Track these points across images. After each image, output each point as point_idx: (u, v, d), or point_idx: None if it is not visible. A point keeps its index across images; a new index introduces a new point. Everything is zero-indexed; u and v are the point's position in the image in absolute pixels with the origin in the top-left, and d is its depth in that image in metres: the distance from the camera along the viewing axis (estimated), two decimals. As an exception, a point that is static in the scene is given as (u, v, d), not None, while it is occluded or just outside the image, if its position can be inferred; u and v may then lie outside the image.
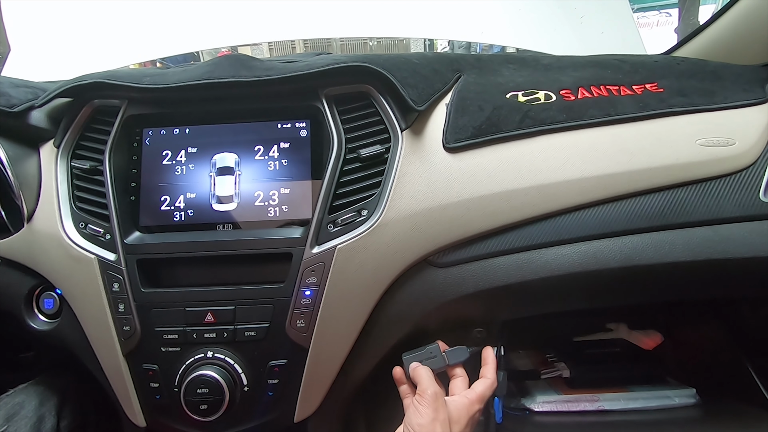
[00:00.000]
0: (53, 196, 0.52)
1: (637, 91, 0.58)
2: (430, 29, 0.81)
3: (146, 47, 0.95)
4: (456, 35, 0.82)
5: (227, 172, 0.52)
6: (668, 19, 4.47)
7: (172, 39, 0.95)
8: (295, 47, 3.83)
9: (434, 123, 0.53)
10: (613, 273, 0.50)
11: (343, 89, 0.52)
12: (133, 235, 0.50)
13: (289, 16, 0.89)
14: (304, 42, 3.70)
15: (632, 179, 0.51)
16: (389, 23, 0.79)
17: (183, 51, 1.14)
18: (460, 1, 0.78)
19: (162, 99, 0.52)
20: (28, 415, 0.52)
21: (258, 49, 3.58)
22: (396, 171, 0.50)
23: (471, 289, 0.51)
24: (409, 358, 0.50)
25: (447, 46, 5.21)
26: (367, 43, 4.55)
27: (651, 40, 3.04)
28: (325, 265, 0.47)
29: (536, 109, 0.54)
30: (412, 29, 0.84)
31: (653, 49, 0.87)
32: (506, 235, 0.51)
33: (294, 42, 3.64)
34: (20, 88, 0.56)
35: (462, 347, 0.51)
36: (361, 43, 4.45)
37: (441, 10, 0.78)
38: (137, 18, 0.92)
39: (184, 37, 0.95)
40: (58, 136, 0.54)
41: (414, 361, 0.50)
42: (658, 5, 4.23)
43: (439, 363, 0.50)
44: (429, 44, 5.13)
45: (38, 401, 0.54)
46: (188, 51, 1.60)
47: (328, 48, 3.77)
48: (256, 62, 0.52)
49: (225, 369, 0.47)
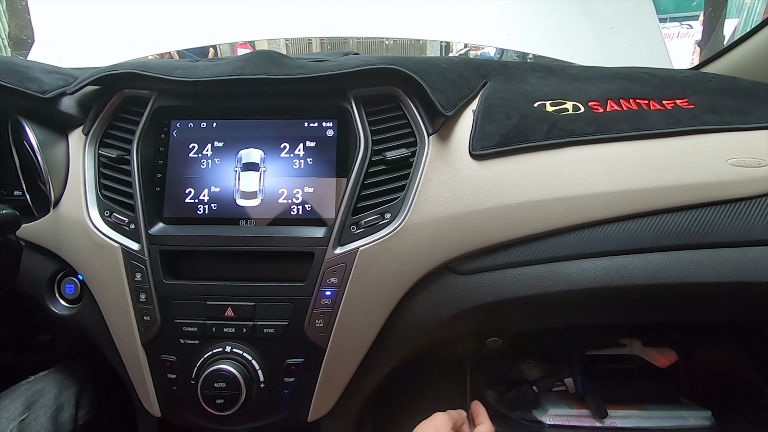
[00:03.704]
0: (80, 183, 0.52)
1: (667, 107, 0.57)
2: (456, 34, 0.81)
3: (165, 39, 0.96)
4: (482, 40, 0.82)
5: (252, 168, 0.52)
6: (689, 31, 4.42)
7: (191, 32, 0.96)
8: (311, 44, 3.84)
9: (461, 129, 0.53)
10: (636, 290, 0.49)
11: (372, 91, 0.52)
12: (157, 226, 0.51)
13: (307, 13, 0.90)
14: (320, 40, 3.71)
15: (660, 196, 0.50)
16: (417, 26, 0.79)
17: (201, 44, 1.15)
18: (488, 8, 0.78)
19: (192, 92, 0.52)
20: (48, 404, 0.52)
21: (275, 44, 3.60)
22: (421, 175, 0.49)
23: (490, 298, 0.50)
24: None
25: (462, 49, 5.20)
26: (384, 43, 4.55)
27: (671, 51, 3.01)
28: (346, 266, 0.47)
29: (564, 119, 0.54)
30: (437, 33, 0.84)
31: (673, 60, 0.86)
32: (529, 245, 0.51)
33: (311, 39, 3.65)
34: (51, 74, 0.57)
35: None
36: (377, 42, 4.45)
37: (468, 16, 0.77)
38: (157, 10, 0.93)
39: (202, 30, 0.95)
40: (87, 123, 0.54)
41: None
42: (679, 17, 4.18)
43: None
44: (445, 46, 5.12)
45: (58, 390, 0.54)
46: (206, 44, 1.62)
47: (345, 46, 3.78)
48: (287, 60, 0.52)
49: (242, 364, 0.47)
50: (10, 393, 0.53)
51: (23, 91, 0.52)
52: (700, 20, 3.32)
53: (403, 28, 0.79)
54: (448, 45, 5.04)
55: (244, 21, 0.93)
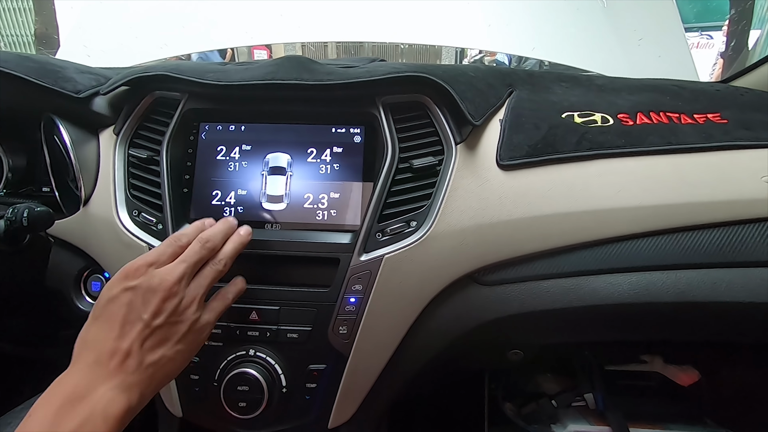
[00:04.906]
0: (110, 182, 0.53)
1: (699, 121, 0.56)
2: (482, 41, 0.81)
3: (191, 41, 0.97)
4: (508, 49, 0.82)
5: (279, 172, 0.52)
6: (709, 41, 4.35)
7: (215, 34, 0.97)
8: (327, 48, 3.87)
9: (488, 138, 0.53)
10: (665, 307, 0.48)
11: (400, 98, 0.52)
12: (184, 227, 0.51)
13: (323, 18, 0.91)
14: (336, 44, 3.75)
15: (691, 212, 0.49)
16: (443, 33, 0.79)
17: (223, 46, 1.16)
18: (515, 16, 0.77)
19: (222, 95, 0.52)
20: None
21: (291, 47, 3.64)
22: (448, 184, 0.49)
23: (515, 311, 0.50)
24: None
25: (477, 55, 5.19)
26: (399, 47, 4.57)
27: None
28: (371, 273, 0.47)
29: (593, 131, 0.53)
30: (463, 40, 0.84)
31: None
32: (555, 258, 0.50)
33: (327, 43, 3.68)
34: (85, 74, 0.58)
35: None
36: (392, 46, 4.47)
37: (494, 24, 0.77)
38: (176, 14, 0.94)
39: (225, 32, 0.97)
40: (118, 123, 0.55)
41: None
42: (700, 27, 4.12)
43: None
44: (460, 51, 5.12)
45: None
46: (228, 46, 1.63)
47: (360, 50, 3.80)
48: (317, 65, 0.53)
49: (265, 368, 0.47)
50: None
51: (58, 91, 0.53)
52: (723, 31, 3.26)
53: (429, 35, 0.80)
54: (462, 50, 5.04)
55: (262, 25, 0.94)
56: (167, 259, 0.40)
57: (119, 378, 0.34)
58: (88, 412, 0.31)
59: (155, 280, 0.37)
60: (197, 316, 0.39)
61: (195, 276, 0.40)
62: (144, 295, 0.37)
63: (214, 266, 0.41)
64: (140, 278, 0.38)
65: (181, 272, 0.39)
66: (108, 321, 0.36)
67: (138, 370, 0.35)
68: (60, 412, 0.31)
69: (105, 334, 0.35)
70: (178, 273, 0.38)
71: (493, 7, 0.79)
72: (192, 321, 0.39)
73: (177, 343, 0.37)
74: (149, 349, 0.36)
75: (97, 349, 0.35)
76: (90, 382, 0.33)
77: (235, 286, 0.45)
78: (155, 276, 0.38)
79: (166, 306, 0.37)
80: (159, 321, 0.37)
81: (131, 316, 0.36)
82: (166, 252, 0.40)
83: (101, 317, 0.37)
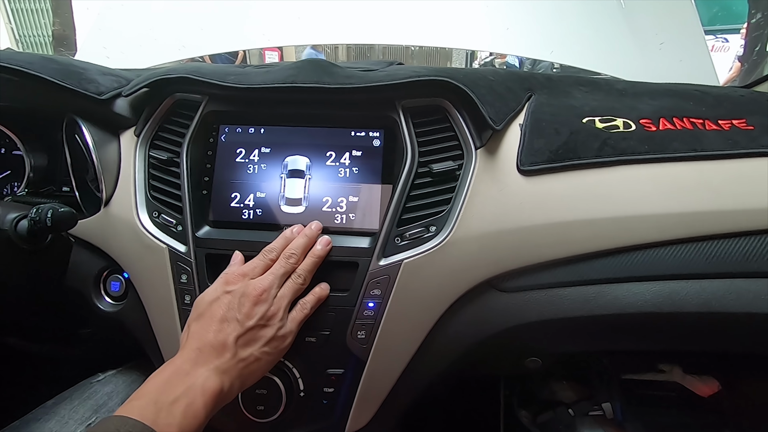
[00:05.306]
0: (130, 183, 0.54)
1: (724, 127, 0.55)
2: (499, 45, 0.80)
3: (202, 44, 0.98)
4: (526, 52, 0.81)
5: (298, 175, 0.52)
6: (724, 44, 4.28)
7: (230, 36, 0.98)
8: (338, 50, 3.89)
9: (508, 143, 0.52)
10: (689, 317, 0.47)
11: (420, 102, 0.52)
12: (204, 229, 0.51)
13: (334, 20, 0.91)
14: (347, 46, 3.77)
15: (717, 220, 0.48)
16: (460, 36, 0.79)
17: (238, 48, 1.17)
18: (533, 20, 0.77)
19: (243, 98, 0.53)
20: (114, 409, 0.53)
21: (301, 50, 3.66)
22: (468, 189, 0.49)
23: (534, 318, 0.49)
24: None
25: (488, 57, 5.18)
26: (409, 49, 4.57)
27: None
28: (390, 278, 0.47)
29: (616, 137, 0.53)
30: (480, 43, 0.84)
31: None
32: (576, 265, 0.49)
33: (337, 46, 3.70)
34: (107, 76, 0.58)
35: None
36: (402, 49, 4.47)
37: (513, 27, 0.77)
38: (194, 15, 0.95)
39: (238, 35, 0.97)
40: (139, 125, 0.56)
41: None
42: (715, 30, 4.06)
43: None
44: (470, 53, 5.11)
45: (126, 394, 0.55)
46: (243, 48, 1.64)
47: (370, 52, 3.82)
48: (337, 69, 0.53)
49: (283, 372, 0.47)
50: (80, 393, 0.54)
51: (82, 92, 0.54)
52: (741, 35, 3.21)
53: (447, 38, 0.79)
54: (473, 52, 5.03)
55: (280, 27, 0.95)
56: (260, 272, 0.46)
57: (216, 363, 0.40)
58: (190, 384, 0.38)
59: (249, 287, 0.43)
60: (282, 324, 0.44)
61: (282, 287, 0.45)
62: (240, 299, 0.43)
63: (295, 280, 0.46)
64: (237, 285, 0.44)
65: (269, 283, 0.44)
66: (210, 317, 0.42)
67: (231, 360, 0.41)
68: (168, 381, 0.38)
69: (207, 327, 0.42)
70: (266, 283, 0.44)
71: (512, 11, 0.78)
72: (277, 327, 0.43)
73: (264, 345, 0.43)
74: (241, 345, 0.41)
75: (200, 339, 0.41)
76: (193, 362, 0.39)
77: (314, 295, 0.47)
78: (249, 284, 0.44)
79: (257, 310, 0.43)
80: (251, 323, 0.42)
81: (228, 314, 0.42)
82: (259, 265, 0.46)
83: (205, 314, 0.43)
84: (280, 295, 0.44)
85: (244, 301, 0.42)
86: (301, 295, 0.47)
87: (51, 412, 0.50)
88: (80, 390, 0.54)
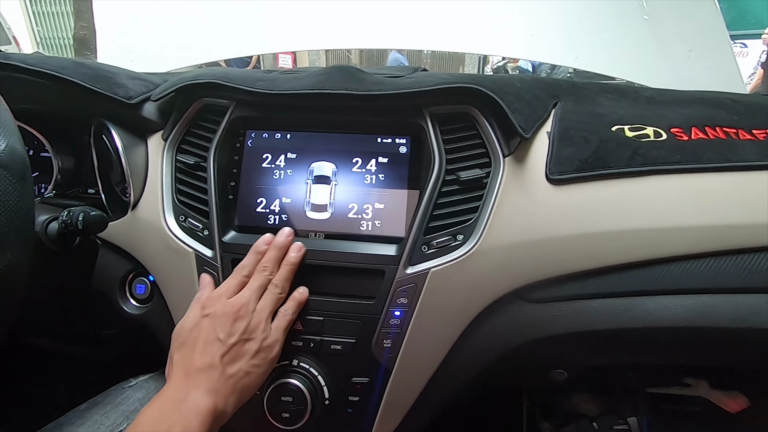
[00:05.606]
0: (158, 187, 0.54)
1: (758, 137, 0.53)
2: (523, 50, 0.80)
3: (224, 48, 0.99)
4: (550, 58, 0.80)
5: (324, 181, 0.52)
6: (743, 50, 4.21)
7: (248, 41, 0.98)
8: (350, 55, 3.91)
9: (536, 152, 0.51)
10: (722, 333, 0.46)
11: (447, 109, 0.51)
12: (230, 234, 0.51)
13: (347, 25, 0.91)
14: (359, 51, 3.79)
15: (752, 234, 0.47)
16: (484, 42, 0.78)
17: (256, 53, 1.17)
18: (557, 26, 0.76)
19: (270, 103, 0.53)
20: None
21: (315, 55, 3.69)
22: (496, 198, 0.48)
23: (562, 330, 0.48)
24: None
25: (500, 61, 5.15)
26: (422, 53, 4.58)
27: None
28: (417, 286, 0.47)
29: (646, 146, 0.52)
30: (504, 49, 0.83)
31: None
32: (605, 277, 0.48)
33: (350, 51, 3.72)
34: (135, 80, 0.59)
35: None
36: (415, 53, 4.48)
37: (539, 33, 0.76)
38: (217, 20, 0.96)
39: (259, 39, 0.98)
40: (166, 129, 0.56)
41: None
42: (735, 35, 4.00)
43: None
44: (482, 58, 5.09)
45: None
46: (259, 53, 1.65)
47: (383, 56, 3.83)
48: (365, 75, 0.53)
49: (309, 379, 0.47)
50: (112, 398, 0.54)
51: (111, 96, 0.54)
52: (763, 40, 3.13)
53: (469, 43, 0.79)
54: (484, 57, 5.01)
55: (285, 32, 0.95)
56: (235, 290, 0.46)
57: (206, 385, 0.40)
58: (183, 410, 0.38)
59: (227, 306, 0.44)
60: (266, 335, 0.44)
61: (260, 300, 0.45)
62: (218, 319, 0.43)
63: (272, 291, 0.46)
64: (215, 306, 0.44)
65: (246, 299, 0.44)
66: (192, 344, 0.42)
67: (220, 378, 0.41)
68: (160, 412, 0.38)
69: (190, 353, 0.42)
70: (243, 299, 0.44)
71: (537, 17, 0.78)
72: (261, 339, 0.44)
73: (251, 358, 0.43)
74: (228, 362, 0.41)
75: (185, 366, 0.41)
76: (183, 390, 0.39)
77: (294, 300, 0.48)
78: (227, 303, 0.44)
79: (237, 326, 0.43)
80: (233, 340, 0.42)
81: (209, 337, 0.42)
82: (233, 284, 0.46)
83: (186, 342, 0.43)
84: (259, 307, 0.45)
85: (224, 321, 0.43)
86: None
87: (83, 417, 0.51)
88: (112, 395, 0.54)
